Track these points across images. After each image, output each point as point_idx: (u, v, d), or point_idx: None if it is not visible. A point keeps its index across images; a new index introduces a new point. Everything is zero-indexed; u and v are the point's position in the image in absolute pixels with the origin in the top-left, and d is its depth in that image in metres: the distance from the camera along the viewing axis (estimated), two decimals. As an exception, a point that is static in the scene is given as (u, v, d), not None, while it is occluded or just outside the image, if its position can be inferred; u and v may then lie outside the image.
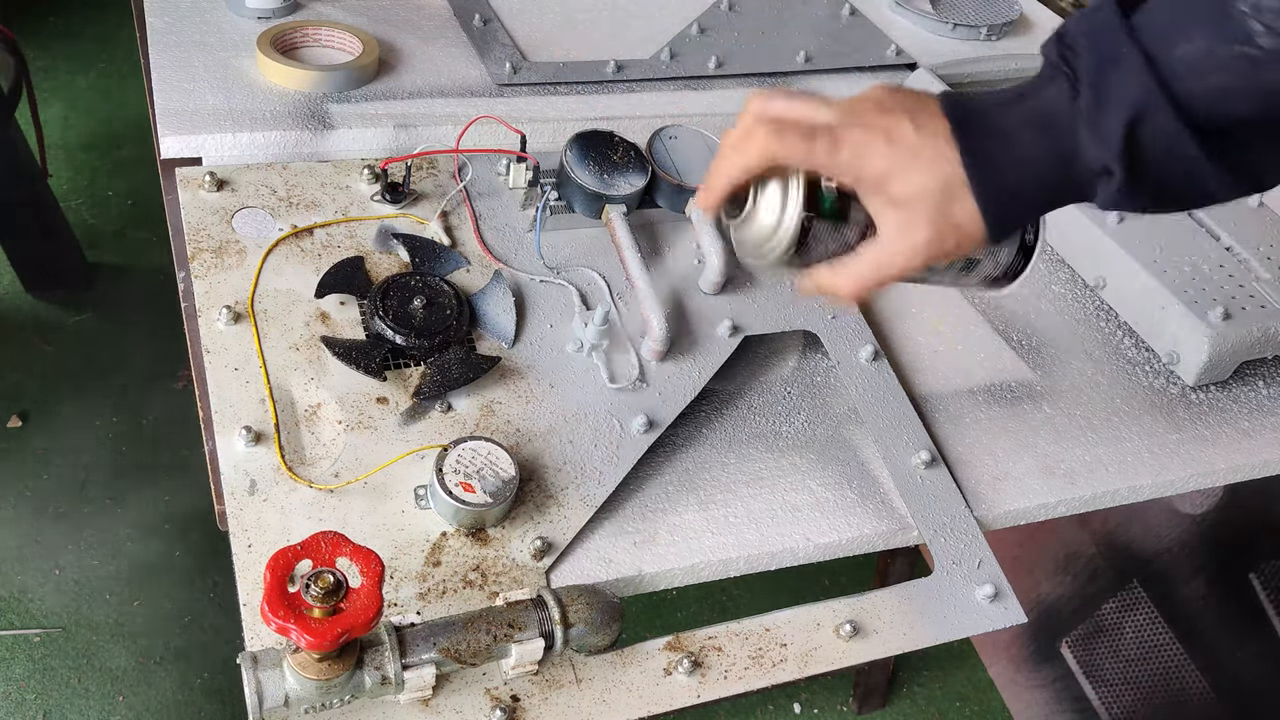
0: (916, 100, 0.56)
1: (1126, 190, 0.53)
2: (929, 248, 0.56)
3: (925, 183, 0.54)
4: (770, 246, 0.59)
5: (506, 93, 1.06)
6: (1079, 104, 0.53)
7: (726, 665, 0.67)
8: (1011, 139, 0.55)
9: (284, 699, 0.56)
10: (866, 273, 0.58)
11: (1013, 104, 0.56)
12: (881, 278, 0.58)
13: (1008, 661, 1.61)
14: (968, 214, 0.55)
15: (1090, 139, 0.52)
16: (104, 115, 2.40)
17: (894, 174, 0.55)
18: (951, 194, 0.55)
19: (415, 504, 0.69)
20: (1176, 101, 0.50)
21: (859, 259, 0.58)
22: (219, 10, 1.08)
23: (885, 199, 0.56)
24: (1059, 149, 0.54)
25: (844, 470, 0.80)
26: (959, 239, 0.56)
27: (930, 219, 0.55)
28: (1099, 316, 0.99)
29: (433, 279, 0.80)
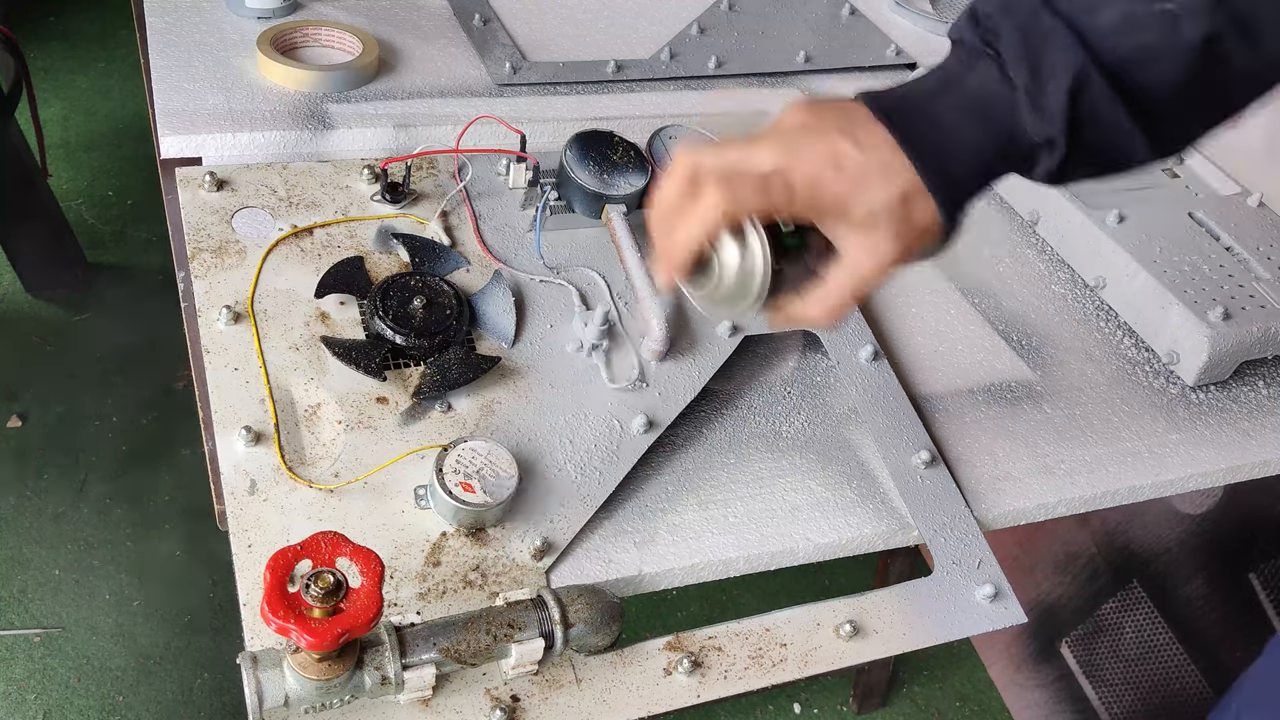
0: (844, 114, 0.55)
1: (1067, 162, 0.53)
2: (895, 257, 0.55)
3: (884, 198, 0.54)
4: (740, 301, 0.57)
5: (506, 93, 1.06)
6: (1015, 83, 0.52)
7: (726, 665, 0.67)
8: (952, 131, 0.54)
9: (284, 699, 0.56)
10: (839, 297, 0.57)
11: (942, 94, 0.55)
12: (854, 297, 0.57)
13: (1008, 661, 1.61)
14: (927, 215, 0.55)
15: (1032, 117, 0.52)
16: (104, 115, 2.40)
17: (850, 200, 0.54)
18: (910, 201, 0.54)
19: (415, 504, 0.69)
20: (1108, 70, 0.50)
21: (829, 286, 0.57)
22: (219, 10, 1.08)
23: (846, 225, 0.55)
24: (1000, 131, 0.54)
25: (844, 470, 0.80)
26: (922, 240, 0.56)
27: (894, 232, 0.54)
28: (1099, 316, 0.99)
29: (433, 279, 0.80)
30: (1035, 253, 1.06)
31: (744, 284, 0.57)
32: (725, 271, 0.57)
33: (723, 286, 0.57)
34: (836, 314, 0.57)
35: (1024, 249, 1.06)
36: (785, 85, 1.18)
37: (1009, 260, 1.04)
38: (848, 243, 0.55)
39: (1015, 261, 1.04)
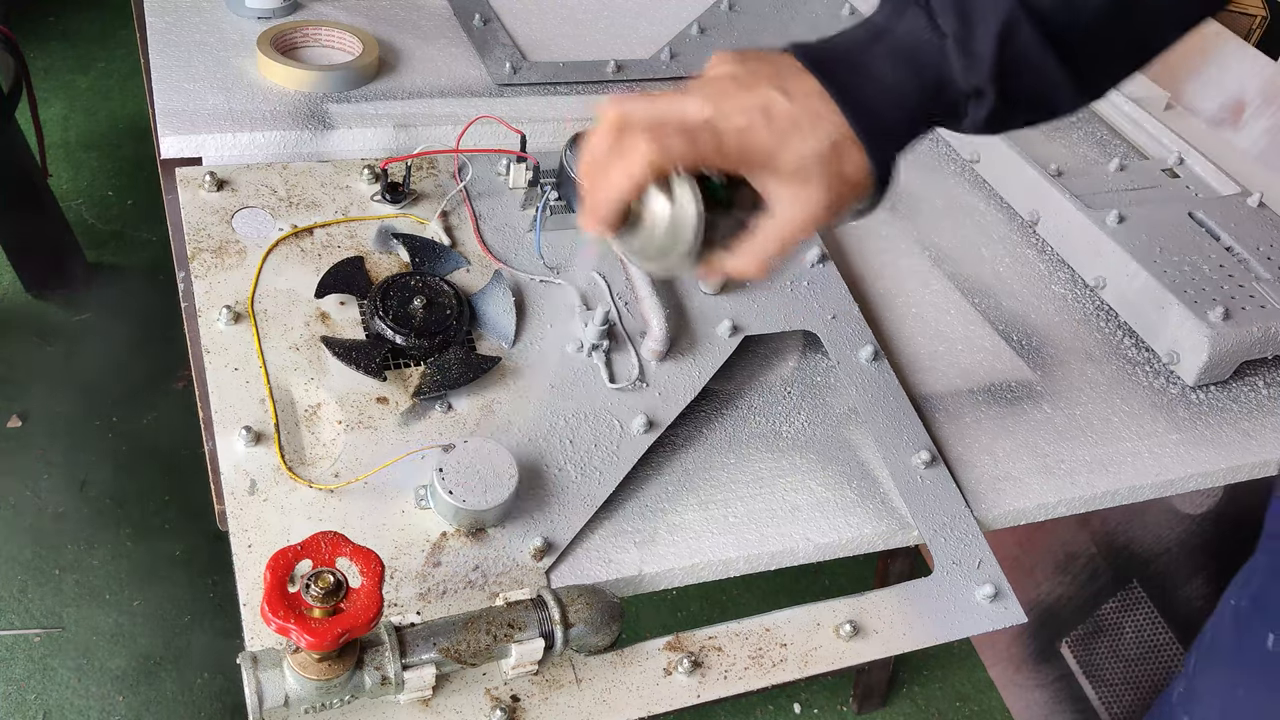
0: (773, 65, 0.55)
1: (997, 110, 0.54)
2: (826, 208, 0.55)
3: (814, 148, 0.53)
4: (670, 253, 0.57)
5: (506, 93, 1.06)
6: (944, 31, 0.52)
7: (726, 665, 0.67)
8: (882, 80, 0.54)
9: (284, 699, 0.56)
10: (770, 249, 0.57)
11: (872, 43, 0.55)
12: (785, 249, 0.57)
13: (1008, 661, 1.61)
14: (857, 165, 0.55)
15: (962, 64, 0.52)
16: (104, 115, 2.40)
17: (780, 150, 0.53)
18: (840, 152, 0.54)
19: (415, 504, 0.69)
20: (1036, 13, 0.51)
21: (759, 238, 0.57)
22: (219, 10, 1.08)
23: (776, 177, 0.54)
24: (929, 80, 0.54)
25: (844, 470, 0.80)
26: (852, 191, 0.56)
27: (824, 183, 0.54)
28: (1099, 316, 0.99)
29: (433, 279, 0.80)
30: (1035, 253, 1.06)
31: (674, 236, 0.56)
32: (655, 224, 0.56)
33: (654, 239, 0.57)
34: (766, 266, 0.57)
35: (1024, 249, 1.06)
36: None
37: (1009, 260, 1.04)
38: (778, 194, 0.55)
39: (1015, 261, 1.04)
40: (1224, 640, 0.72)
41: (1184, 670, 0.79)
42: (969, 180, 1.14)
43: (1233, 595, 0.73)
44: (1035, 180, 1.07)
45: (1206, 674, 0.74)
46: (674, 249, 0.56)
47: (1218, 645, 0.73)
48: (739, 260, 0.57)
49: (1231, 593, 0.74)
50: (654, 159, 0.53)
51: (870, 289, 0.96)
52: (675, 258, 0.57)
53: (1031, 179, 1.07)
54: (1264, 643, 0.65)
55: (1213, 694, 0.72)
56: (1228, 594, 0.75)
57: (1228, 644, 0.72)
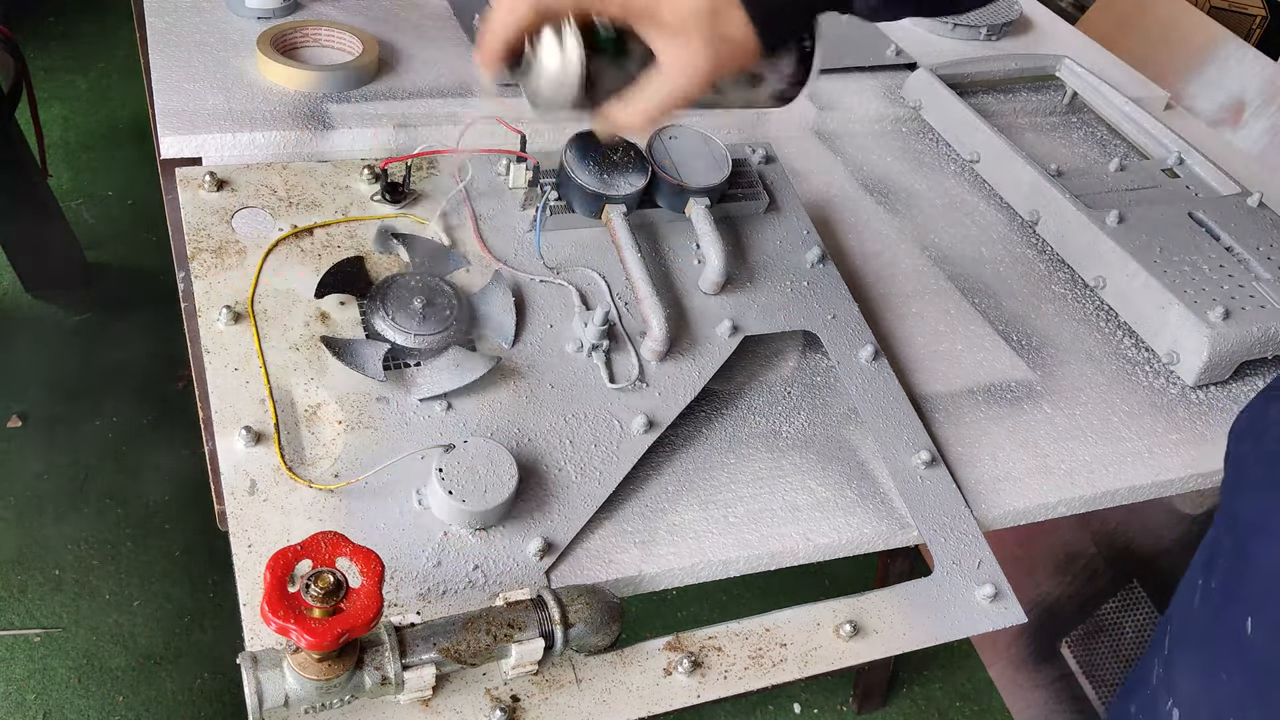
0: None
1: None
2: (708, 66, 0.57)
3: (694, 4, 0.56)
4: (558, 92, 0.61)
5: (506, 93, 1.06)
6: None
7: (726, 665, 0.67)
8: None
9: (284, 699, 0.56)
10: (655, 101, 0.59)
11: None
12: (669, 104, 0.59)
13: (1008, 661, 1.61)
14: (739, 27, 0.57)
15: None
16: (104, 115, 2.40)
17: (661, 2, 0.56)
18: (719, 11, 0.56)
19: (415, 504, 0.69)
20: None
21: (645, 90, 0.59)
22: (219, 10, 1.08)
23: (658, 27, 0.57)
24: None
25: (844, 470, 0.80)
26: (735, 53, 0.58)
27: (705, 39, 0.56)
28: (1099, 316, 0.99)
29: (433, 279, 0.80)
30: (1035, 253, 1.06)
31: (562, 78, 0.60)
32: (543, 66, 0.60)
33: (542, 80, 0.61)
34: (651, 118, 0.60)
35: (1024, 249, 1.06)
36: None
37: (1009, 260, 1.04)
38: (662, 48, 0.58)
39: (1015, 261, 1.04)
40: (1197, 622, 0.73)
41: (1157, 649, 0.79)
42: (969, 180, 1.14)
43: (1200, 575, 0.73)
44: (1035, 180, 1.07)
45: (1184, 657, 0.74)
46: (561, 91, 0.61)
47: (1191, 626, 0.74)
48: (626, 109, 0.60)
49: (1198, 573, 0.74)
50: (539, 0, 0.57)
51: (870, 289, 0.96)
52: (563, 99, 0.61)
53: (1031, 179, 1.07)
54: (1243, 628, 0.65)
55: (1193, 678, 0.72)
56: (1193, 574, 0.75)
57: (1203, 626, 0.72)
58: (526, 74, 0.62)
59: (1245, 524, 0.68)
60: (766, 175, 0.97)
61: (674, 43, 0.57)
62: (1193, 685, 0.72)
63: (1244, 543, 0.68)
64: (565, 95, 0.60)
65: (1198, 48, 1.46)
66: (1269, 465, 0.66)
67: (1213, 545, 0.73)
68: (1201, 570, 0.73)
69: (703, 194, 0.89)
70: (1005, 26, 1.37)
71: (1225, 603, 0.69)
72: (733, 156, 0.92)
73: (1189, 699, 0.72)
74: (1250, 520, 0.68)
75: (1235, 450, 0.74)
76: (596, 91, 0.61)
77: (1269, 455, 0.66)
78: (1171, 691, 0.74)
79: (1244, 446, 0.72)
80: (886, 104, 1.20)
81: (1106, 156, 1.21)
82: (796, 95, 0.67)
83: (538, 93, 0.62)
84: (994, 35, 1.36)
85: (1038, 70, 1.30)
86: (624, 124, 0.61)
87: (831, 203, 1.06)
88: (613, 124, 0.62)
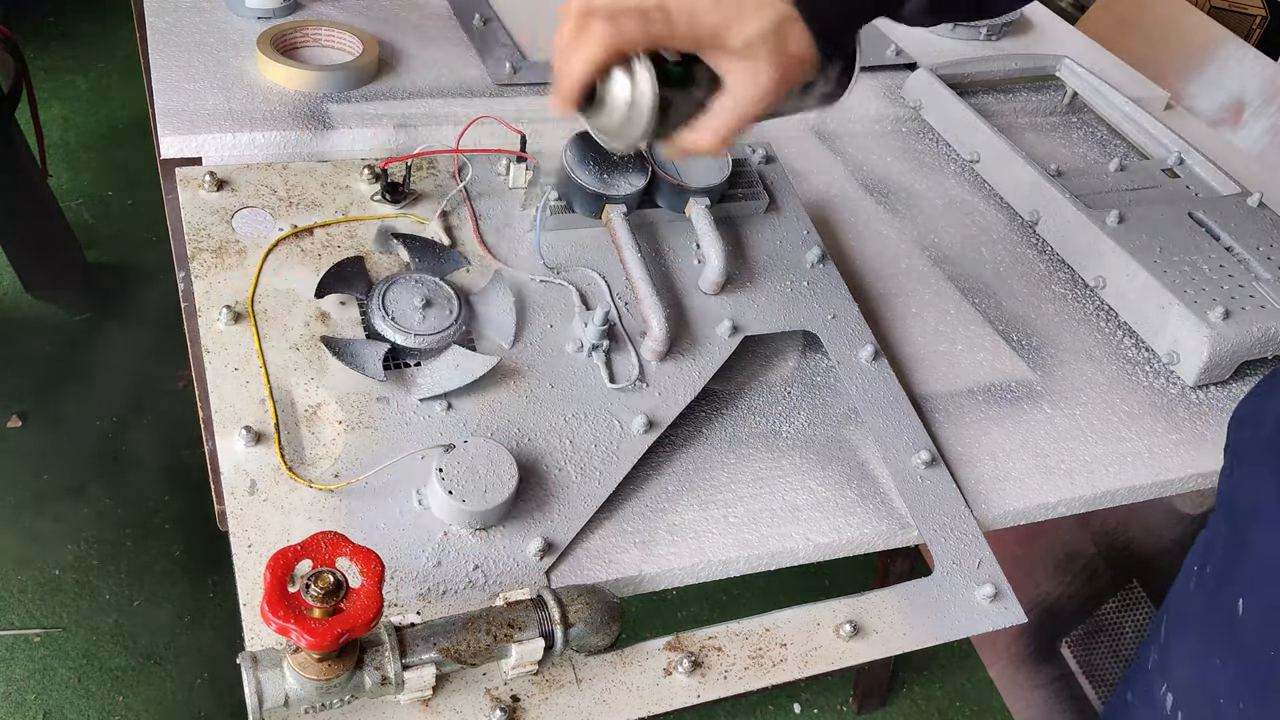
0: None
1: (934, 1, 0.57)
2: (776, 84, 0.59)
3: (760, 26, 0.57)
4: (631, 129, 0.61)
5: (506, 93, 1.06)
6: None
7: (726, 665, 0.67)
8: None
9: (284, 699, 0.56)
10: (726, 124, 0.61)
11: None
12: (739, 125, 0.61)
13: (1008, 661, 1.61)
14: (802, 42, 0.59)
15: None
16: (104, 115, 2.40)
17: (728, 27, 0.57)
18: (784, 29, 0.58)
19: (415, 504, 0.69)
20: None
21: (716, 115, 0.61)
22: (219, 10, 1.08)
23: (725, 53, 0.58)
24: None
25: (844, 470, 0.80)
26: (798, 67, 0.60)
27: (772, 59, 0.58)
28: (1099, 316, 0.99)
29: (432, 279, 0.80)
30: (1035, 253, 1.06)
31: (634, 112, 0.61)
32: (616, 102, 0.61)
33: (615, 116, 0.62)
34: (724, 139, 0.62)
35: (1024, 249, 1.06)
36: (785, 85, 1.18)
37: (1009, 260, 1.04)
38: (729, 71, 0.59)
39: (1015, 261, 1.04)
40: (1193, 607, 0.73)
41: (1154, 637, 0.80)
42: (969, 180, 1.14)
43: (1196, 562, 0.74)
44: (1035, 180, 1.07)
45: (1179, 642, 0.75)
46: (635, 125, 0.61)
47: (1187, 612, 0.74)
48: (698, 135, 0.62)
49: (1195, 559, 0.74)
50: (611, 40, 0.57)
51: (870, 289, 0.96)
52: (637, 133, 0.62)
53: (1031, 179, 1.07)
54: (1234, 610, 0.66)
55: (1188, 662, 0.73)
56: (1190, 560, 0.76)
57: (1197, 611, 0.73)
58: (600, 111, 0.62)
59: (1242, 510, 0.69)
60: (766, 175, 0.97)
61: (742, 66, 0.59)
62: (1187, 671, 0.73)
63: (1241, 529, 0.68)
64: (639, 129, 0.61)
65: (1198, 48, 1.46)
66: (1266, 451, 0.66)
67: (1210, 532, 0.74)
68: (1198, 557, 0.74)
69: (703, 194, 0.89)
70: (1005, 26, 1.37)
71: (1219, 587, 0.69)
72: (733, 156, 0.92)
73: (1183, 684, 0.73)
74: (1247, 506, 0.68)
75: (1235, 437, 0.74)
76: (668, 121, 0.62)
77: (1266, 442, 0.67)
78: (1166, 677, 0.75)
79: (1243, 432, 0.72)
80: (886, 104, 1.20)
81: (1106, 156, 1.21)
82: (842, 95, 0.68)
83: (610, 127, 0.63)
84: (994, 35, 1.36)
85: (1038, 70, 1.30)
86: (697, 150, 0.63)
87: (831, 203, 1.06)
88: (685, 151, 0.63)
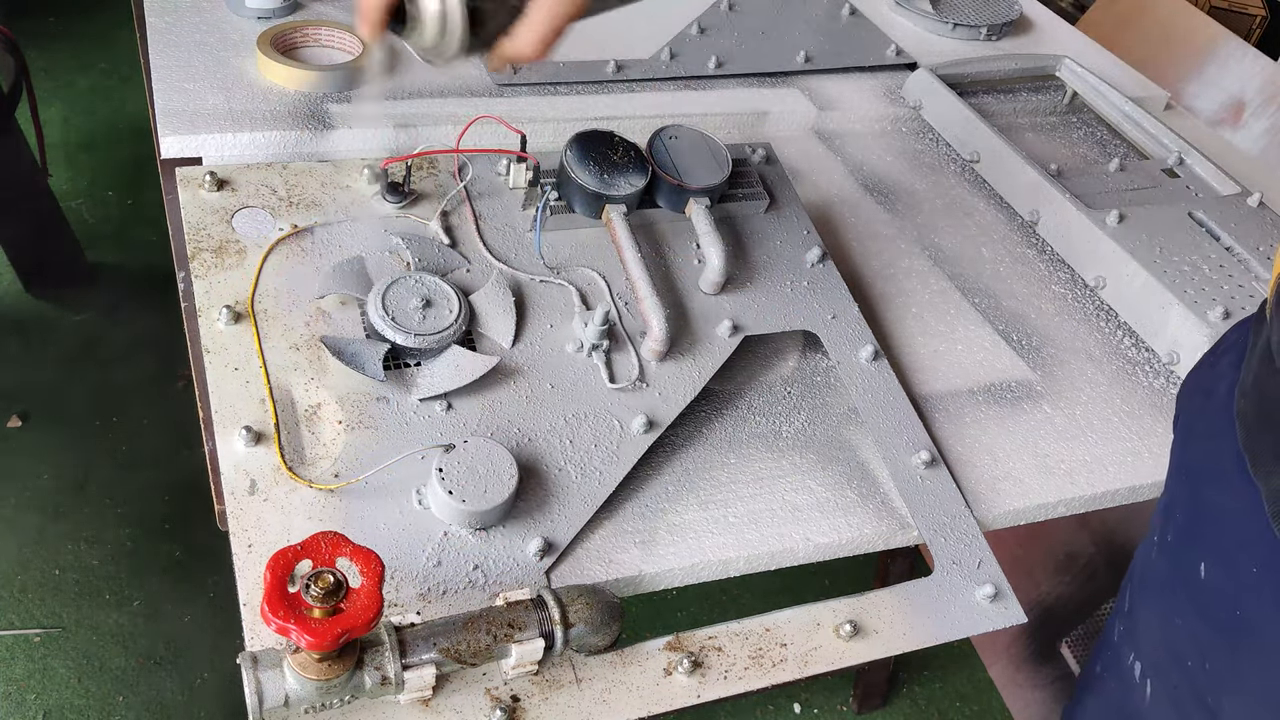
0: None
1: None
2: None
3: None
4: (448, 42, 0.61)
5: (506, 93, 1.06)
6: None
7: (726, 665, 0.67)
8: None
9: (284, 699, 0.56)
10: (544, 26, 0.61)
11: None
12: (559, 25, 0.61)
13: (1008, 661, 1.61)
14: None
15: None
16: (104, 115, 2.40)
17: None
18: None
19: (415, 504, 0.69)
20: None
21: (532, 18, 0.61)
22: (219, 10, 1.08)
23: None
24: None
25: (844, 470, 0.80)
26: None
27: None
28: (1099, 316, 0.99)
29: (433, 279, 0.80)
30: (1035, 253, 1.06)
31: (448, 24, 0.60)
32: (427, 15, 0.60)
33: (429, 31, 0.61)
34: (545, 42, 0.62)
35: (1024, 249, 1.06)
36: (785, 85, 1.18)
37: (1009, 260, 1.04)
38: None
39: (1015, 261, 1.04)
40: (1156, 574, 0.74)
41: (1119, 609, 0.80)
42: (969, 180, 1.14)
43: (1157, 530, 0.75)
44: (1035, 180, 1.07)
45: (1143, 608, 0.76)
46: (450, 37, 0.61)
47: (1149, 579, 0.75)
48: (519, 42, 0.62)
49: (1156, 527, 0.75)
50: None
51: (870, 289, 0.96)
52: (454, 45, 0.61)
53: (1031, 179, 1.07)
54: (1196, 573, 0.67)
55: (1151, 627, 0.74)
56: (1152, 531, 0.76)
57: (1160, 577, 0.73)
58: (412, 29, 0.62)
59: (1200, 476, 0.69)
60: (766, 175, 0.97)
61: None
62: (1153, 636, 0.73)
63: (1199, 492, 0.69)
64: (453, 41, 0.61)
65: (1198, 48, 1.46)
66: (1219, 418, 0.67)
67: (1168, 497, 0.74)
68: (1159, 527, 0.75)
69: (703, 194, 0.89)
70: (1005, 26, 1.37)
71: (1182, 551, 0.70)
72: (733, 156, 0.92)
73: (1149, 651, 0.74)
74: (1204, 471, 0.69)
75: (1185, 408, 0.75)
76: (486, 31, 0.62)
77: (1219, 409, 0.67)
78: (1133, 646, 0.75)
79: (1194, 402, 0.73)
80: (886, 104, 1.20)
81: (1106, 156, 1.21)
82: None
83: (426, 44, 0.62)
84: (994, 35, 1.36)
85: (1038, 70, 1.30)
86: (519, 56, 0.63)
87: (831, 203, 1.06)
88: (509, 58, 0.63)
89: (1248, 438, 0.63)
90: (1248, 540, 0.63)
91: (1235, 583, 0.64)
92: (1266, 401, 0.62)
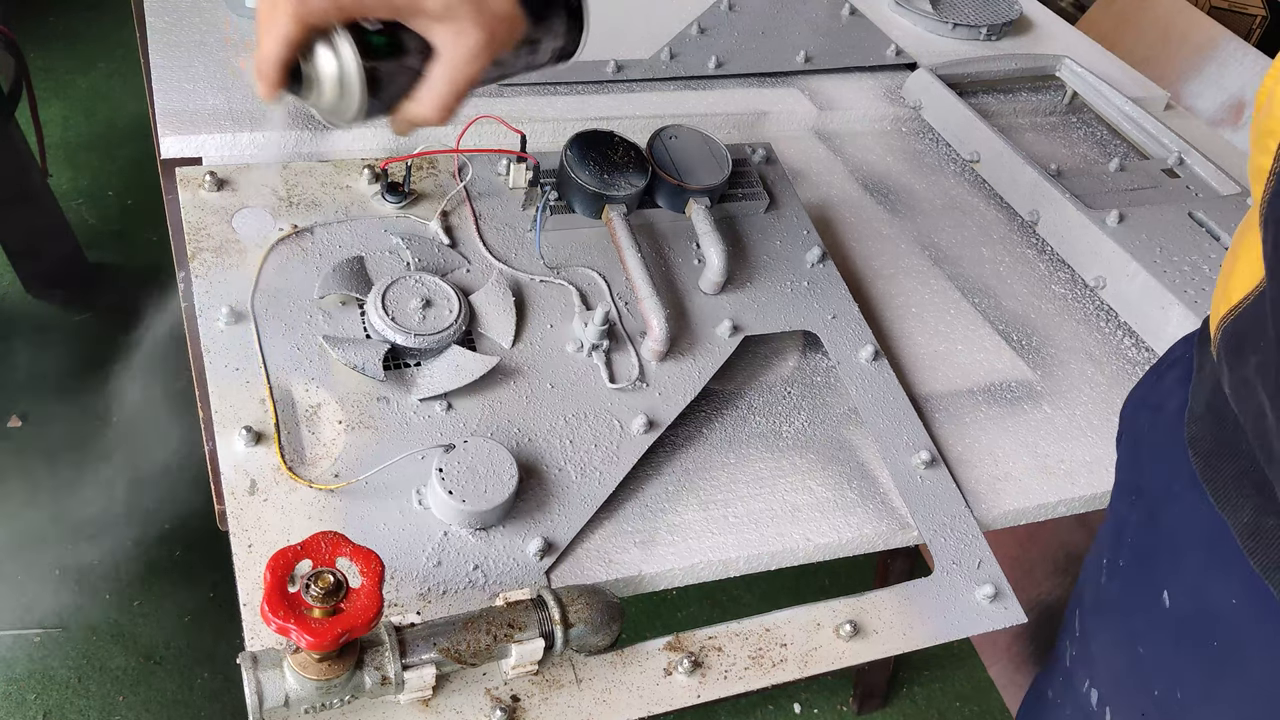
0: None
1: None
2: (484, 45, 0.58)
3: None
4: (345, 105, 0.60)
5: (506, 93, 1.06)
6: None
7: (726, 665, 0.67)
8: None
9: (284, 699, 0.56)
10: (443, 90, 0.60)
11: None
12: (457, 90, 0.60)
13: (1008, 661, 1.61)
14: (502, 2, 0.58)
15: None
16: (104, 115, 2.40)
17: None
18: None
19: (415, 504, 0.69)
20: None
21: (432, 82, 0.60)
22: (219, 10, 1.08)
23: (426, 18, 0.57)
24: None
25: (844, 470, 0.80)
26: (506, 26, 0.59)
27: (474, 21, 0.57)
28: (1099, 316, 0.99)
29: (433, 279, 0.80)
30: (1035, 253, 1.06)
31: (344, 89, 0.59)
32: (323, 78, 0.59)
33: (326, 94, 0.59)
34: (446, 107, 0.61)
35: (1024, 249, 1.06)
36: (785, 85, 1.18)
37: (1009, 260, 1.04)
38: (434, 36, 0.58)
39: (1015, 261, 1.04)
40: (1109, 598, 0.73)
41: (1068, 631, 0.79)
42: (969, 180, 1.14)
43: (1105, 554, 0.73)
44: (1035, 180, 1.07)
45: (1099, 634, 0.74)
46: (348, 100, 0.59)
47: (1103, 604, 0.74)
48: (419, 106, 0.61)
49: (1104, 552, 0.74)
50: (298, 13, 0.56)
51: (870, 289, 0.96)
52: (353, 108, 0.60)
53: (1031, 179, 1.07)
54: (1159, 601, 0.65)
55: (1112, 654, 0.72)
56: (1096, 554, 0.75)
57: (1114, 602, 0.72)
58: (310, 91, 0.60)
59: (1153, 495, 0.68)
60: (766, 175, 0.97)
61: (446, 30, 0.58)
62: (1112, 661, 0.72)
63: (1155, 513, 0.67)
64: (352, 103, 0.59)
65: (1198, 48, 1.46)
66: (1171, 433, 0.65)
67: (1115, 523, 0.73)
68: (1107, 549, 0.73)
69: (703, 194, 0.89)
70: (1005, 26, 1.37)
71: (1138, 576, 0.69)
72: (733, 156, 0.92)
73: (1108, 675, 0.73)
74: (1158, 490, 0.67)
75: (1132, 423, 0.74)
76: (386, 94, 0.61)
77: (1170, 424, 0.66)
78: (1089, 670, 0.74)
79: (1142, 417, 0.72)
80: (886, 104, 1.20)
81: (1106, 156, 1.21)
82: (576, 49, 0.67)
83: (325, 106, 0.61)
84: (994, 35, 1.36)
85: (1038, 70, 1.30)
86: (421, 119, 0.62)
87: (831, 203, 1.06)
88: (411, 122, 0.62)
89: (1205, 467, 0.61)
90: (1218, 572, 0.60)
91: (1208, 614, 0.62)
92: (1224, 430, 0.60)
